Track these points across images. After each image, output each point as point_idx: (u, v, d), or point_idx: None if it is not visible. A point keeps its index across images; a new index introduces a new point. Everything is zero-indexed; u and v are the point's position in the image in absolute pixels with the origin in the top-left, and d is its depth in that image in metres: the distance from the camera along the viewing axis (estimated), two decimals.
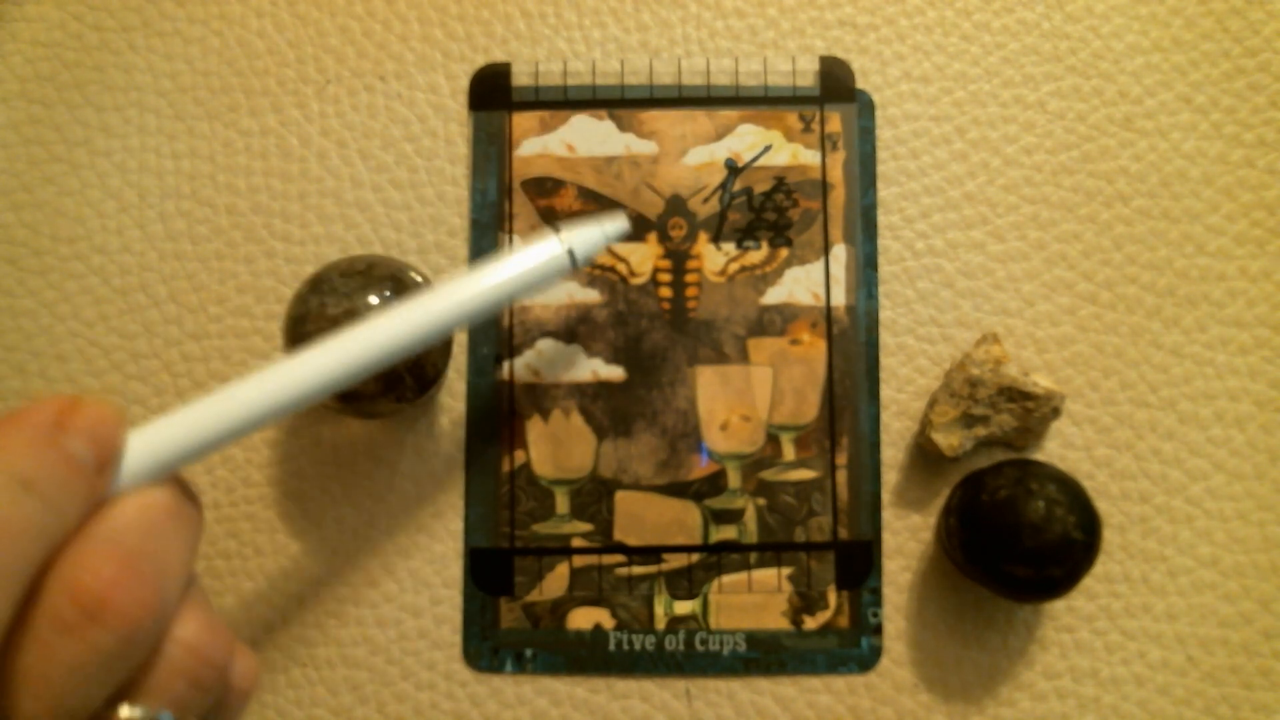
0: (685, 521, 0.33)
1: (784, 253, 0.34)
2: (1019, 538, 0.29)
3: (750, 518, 0.33)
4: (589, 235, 0.28)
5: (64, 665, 0.18)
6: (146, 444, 0.21)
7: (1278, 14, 0.35)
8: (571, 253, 0.27)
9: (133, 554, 0.19)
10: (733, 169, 0.34)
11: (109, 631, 0.18)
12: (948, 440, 0.32)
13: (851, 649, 0.33)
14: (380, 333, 0.24)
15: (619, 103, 0.35)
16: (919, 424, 0.33)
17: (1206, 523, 0.33)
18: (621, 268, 0.34)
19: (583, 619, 0.33)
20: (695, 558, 0.33)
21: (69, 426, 0.19)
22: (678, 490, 0.33)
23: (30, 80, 0.35)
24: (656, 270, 0.34)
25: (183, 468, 0.21)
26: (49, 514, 0.18)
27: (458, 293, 0.25)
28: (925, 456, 0.34)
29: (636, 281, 0.34)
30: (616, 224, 0.29)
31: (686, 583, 0.33)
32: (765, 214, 0.34)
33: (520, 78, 0.35)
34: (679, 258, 0.34)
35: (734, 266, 0.34)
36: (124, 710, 0.19)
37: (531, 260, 0.27)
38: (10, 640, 0.18)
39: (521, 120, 0.35)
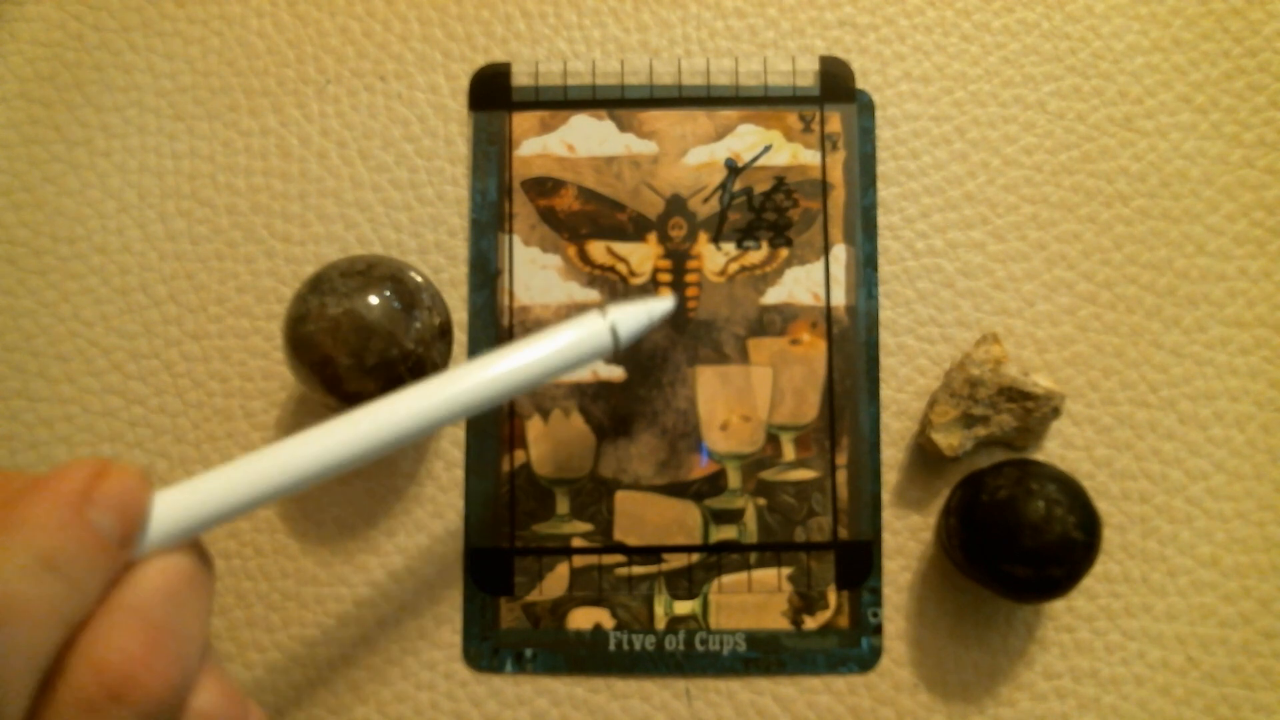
0: (685, 521, 0.33)
1: (784, 253, 0.34)
2: (1019, 538, 0.29)
3: (750, 518, 0.33)
4: (634, 314, 0.27)
5: None
6: (171, 507, 0.20)
7: (1278, 14, 0.35)
8: (615, 331, 0.26)
9: (157, 627, 0.19)
10: (733, 169, 0.34)
11: (134, 710, 0.18)
12: (948, 440, 0.32)
13: (851, 649, 0.33)
14: (417, 406, 0.23)
15: (619, 103, 0.35)
16: (919, 424, 0.33)
17: (1206, 523, 0.33)
18: (621, 268, 0.34)
19: (583, 619, 0.33)
20: (695, 558, 0.33)
21: (95, 499, 0.18)
22: (678, 490, 0.33)
23: (30, 80, 0.35)
24: (656, 270, 0.34)
25: (205, 531, 0.21)
26: (73, 593, 0.18)
27: (498, 368, 0.24)
28: (925, 456, 0.34)
29: (636, 281, 0.34)
30: (662, 303, 0.28)
31: (686, 583, 0.33)
32: (765, 214, 0.34)
33: (520, 78, 0.35)
34: (679, 258, 0.34)
35: (734, 266, 0.34)
36: None
37: (573, 338, 0.26)
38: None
39: (521, 120, 0.35)
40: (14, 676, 0.17)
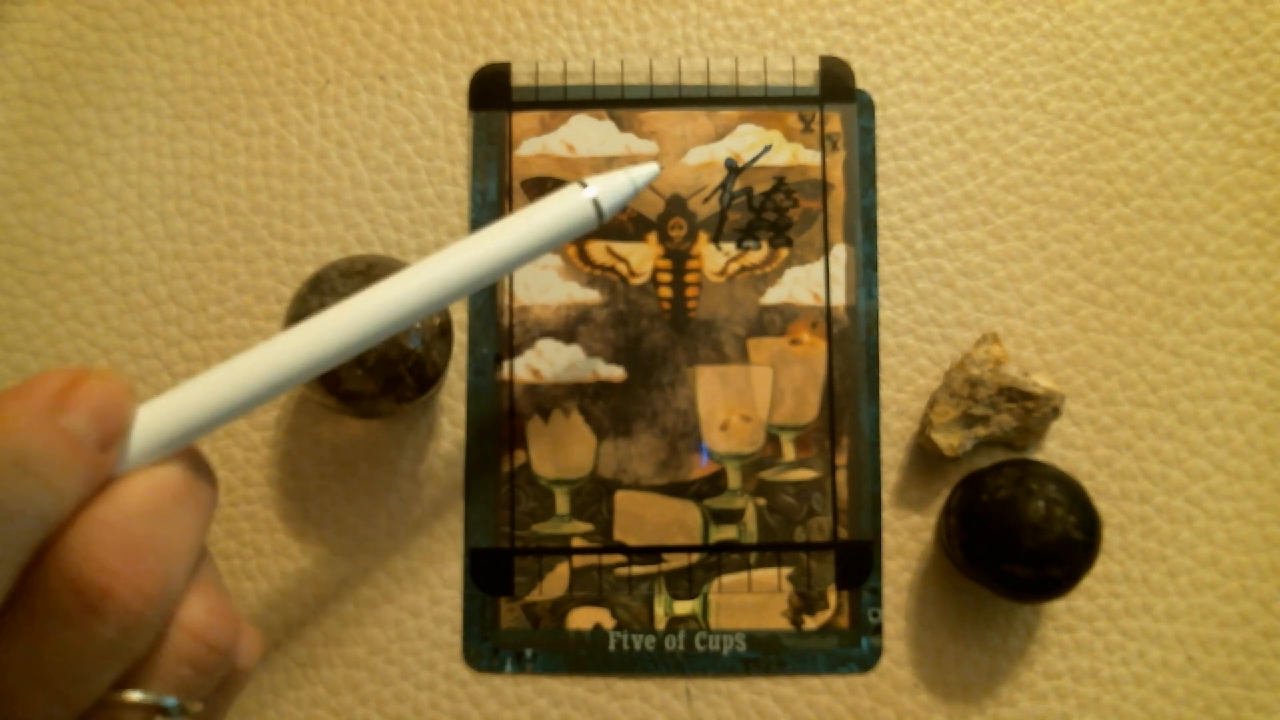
0: (685, 521, 0.33)
1: (784, 253, 0.34)
2: (1019, 538, 0.29)
3: (750, 518, 0.33)
4: (616, 183, 0.25)
5: (62, 655, 0.18)
6: (158, 417, 0.20)
7: (1278, 14, 0.35)
8: (597, 203, 0.25)
9: (138, 541, 0.18)
10: (733, 169, 0.34)
11: (110, 624, 0.18)
12: (948, 440, 0.32)
13: (851, 649, 0.33)
14: (397, 293, 0.22)
15: (619, 103, 0.35)
16: (919, 424, 0.33)
17: (1206, 523, 0.33)
18: (621, 268, 0.34)
19: (583, 619, 0.33)
20: (695, 558, 0.33)
21: (70, 403, 0.18)
22: (678, 490, 0.33)
23: (30, 80, 0.35)
24: (656, 270, 0.34)
25: (197, 440, 0.20)
26: (46, 495, 0.18)
27: (476, 249, 0.23)
28: (925, 456, 0.34)
29: (636, 281, 0.34)
30: (645, 169, 0.26)
31: (686, 583, 0.33)
32: (765, 214, 0.34)
33: (520, 78, 0.35)
34: (679, 258, 0.34)
35: (734, 266, 0.34)
36: (127, 697, 0.19)
37: (553, 213, 0.24)
38: (4, 623, 0.18)
39: (521, 120, 0.35)
40: None
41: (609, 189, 0.25)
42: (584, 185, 0.25)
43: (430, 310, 0.23)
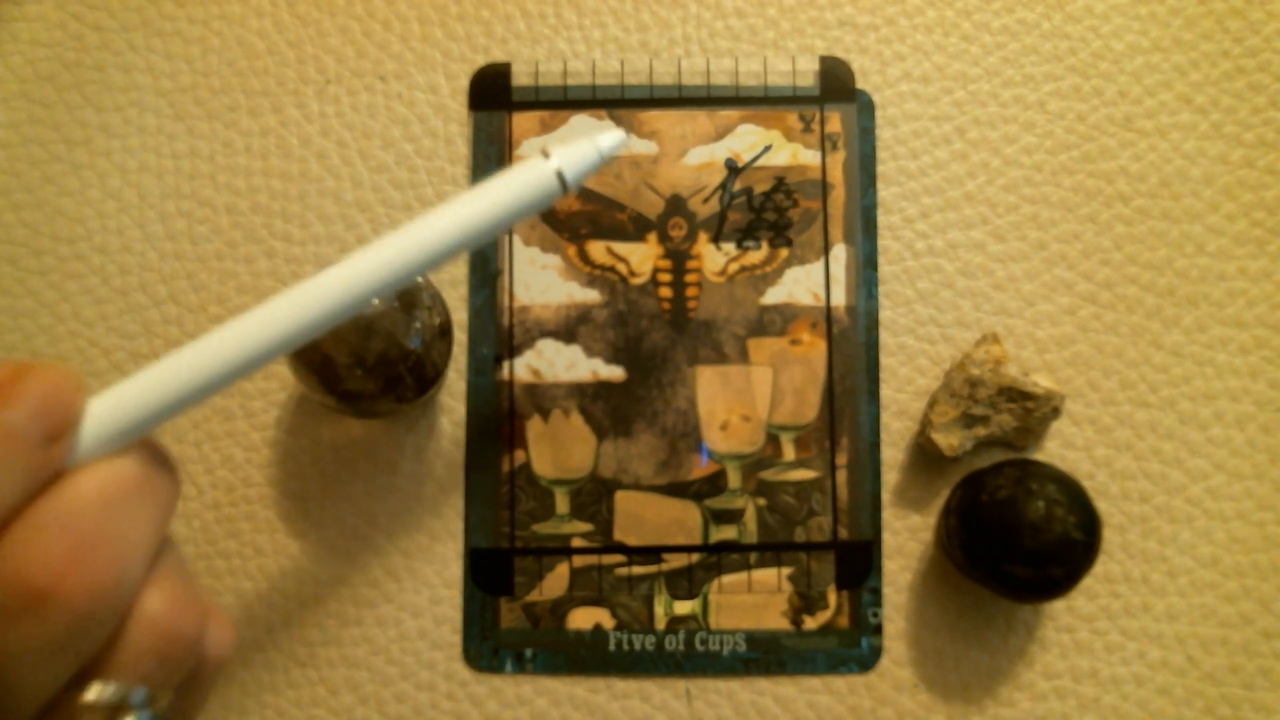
0: (685, 521, 0.33)
1: (784, 253, 0.34)
2: (1019, 538, 0.29)
3: (750, 518, 0.33)
4: (581, 152, 0.24)
5: (8, 654, 0.17)
6: (110, 409, 0.19)
7: (1278, 14, 0.35)
8: (561, 174, 0.23)
9: (86, 536, 0.18)
10: (733, 169, 0.34)
11: (54, 621, 0.17)
12: (948, 440, 0.32)
13: (851, 649, 0.33)
14: (350, 273, 0.21)
15: (619, 103, 0.35)
16: (919, 424, 0.33)
17: (1206, 523, 0.33)
18: (621, 268, 0.34)
19: (583, 619, 0.33)
20: (695, 558, 0.33)
21: (11, 397, 0.18)
22: (678, 490, 0.33)
23: (30, 80, 0.35)
24: (656, 270, 0.34)
25: (153, 430, 0.20)
26: None
27: (435, 224, 0.22)
28: (925, 456, 0.34)
29: (636, 281, 0.34)
30: (610, 136, 0.25)
31: (686, 583, 0.33)
32: (765, 214, 0.34)
33: (520, 78, 0.35)
34: (679, 258, 0.34)
35: (734, 266, 0.34)
36: (90, 693, 0.18)
37: (515, 184, 0.23)
38: None
39: (521, 120, 0.35)
40: None
41: (573, 159, 0.24)
42: (547, 156, 0.24)
43: (390, 288, 0.22)
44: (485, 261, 0.34)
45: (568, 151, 0.24)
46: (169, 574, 0.20)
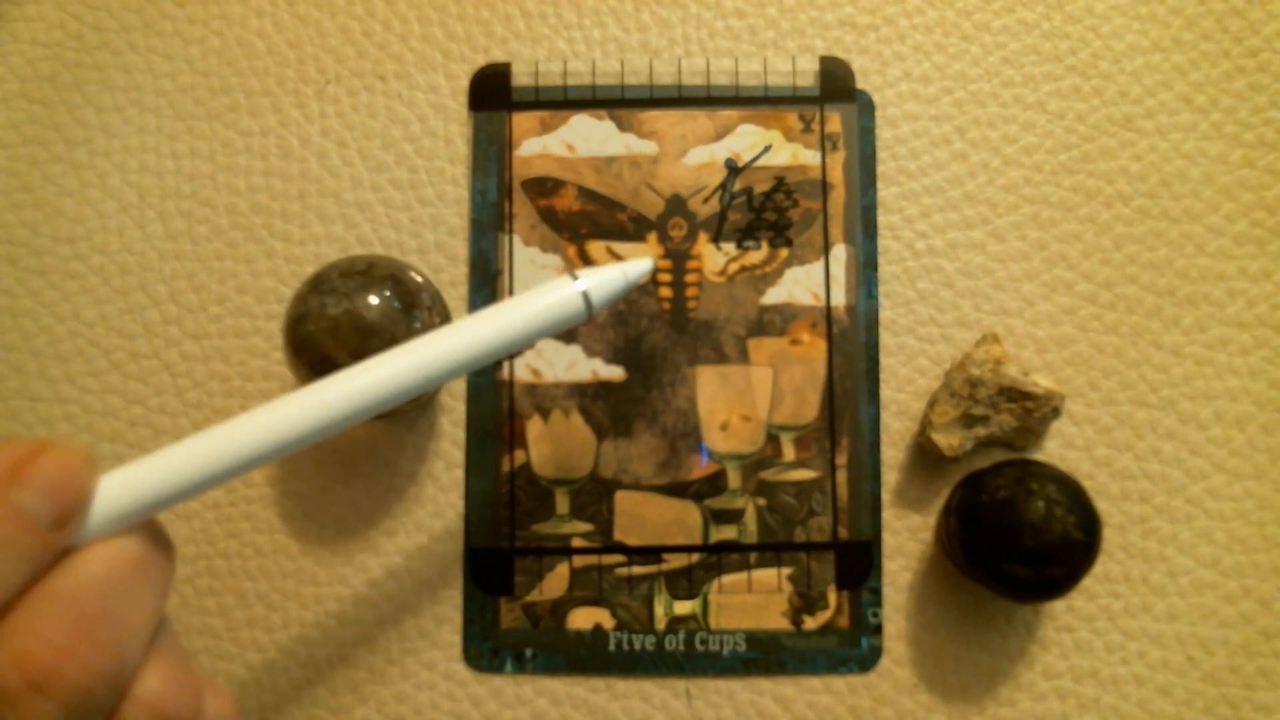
0: (685, 521, 0.33)
1: (784, 253, 0.34)
2: (1019, 538, 0.29)
3: (750, 518, 0.33)
4: (608, 277, 0.25)
5: None
6: (120, 489, 0.19)
7: (1278, 14, 0.35)
8: (587, 295, 0.24)
9: (89, 616, 0.18)
10: (733, 169, 0.34)
11: (57, 703, 0.17)
12: (948, 440, 0.32)
13: (851, 649, 0.33)
14: (373, 377, 0.22)
15: (619, 103, 0.35)
16: (919, 424, 0.33)
17: (1206, 523, 0.33)
18: None
19: (583, 619, 0.33)
20: (695, 558, 0.33)
21: (23, 480, 0.18)
22: (678, 490, 0.33)
23: (30, 80, 0.35)
24: (657, 270, 0.34)
25: (158, 513, 0.20)
26: None
27: (458, 337, 0.23)
28: (925, 456, 0.34)
29: None
30: (639, 265, 0.26)
31: (686, 583, 0.33)
32: (765, 214, 0.34)
33: (520, 78, 0.35)
34: (679, 258, 0.34)
35: (734, 266, 0.34)
36: None
37: (540, 304, 0.24)
38: None
39: (521, 120, 0.35)
40: None
41: (600, 282, 0.24)
42: (575, 277, 0.24)
43: (412, 394, 0.22)
44: (485, 262, 0.34)
45: (595, 274, 0.24)
46: (165, 654, 0.20)
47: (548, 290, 0.24)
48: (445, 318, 0.31)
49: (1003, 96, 0.35)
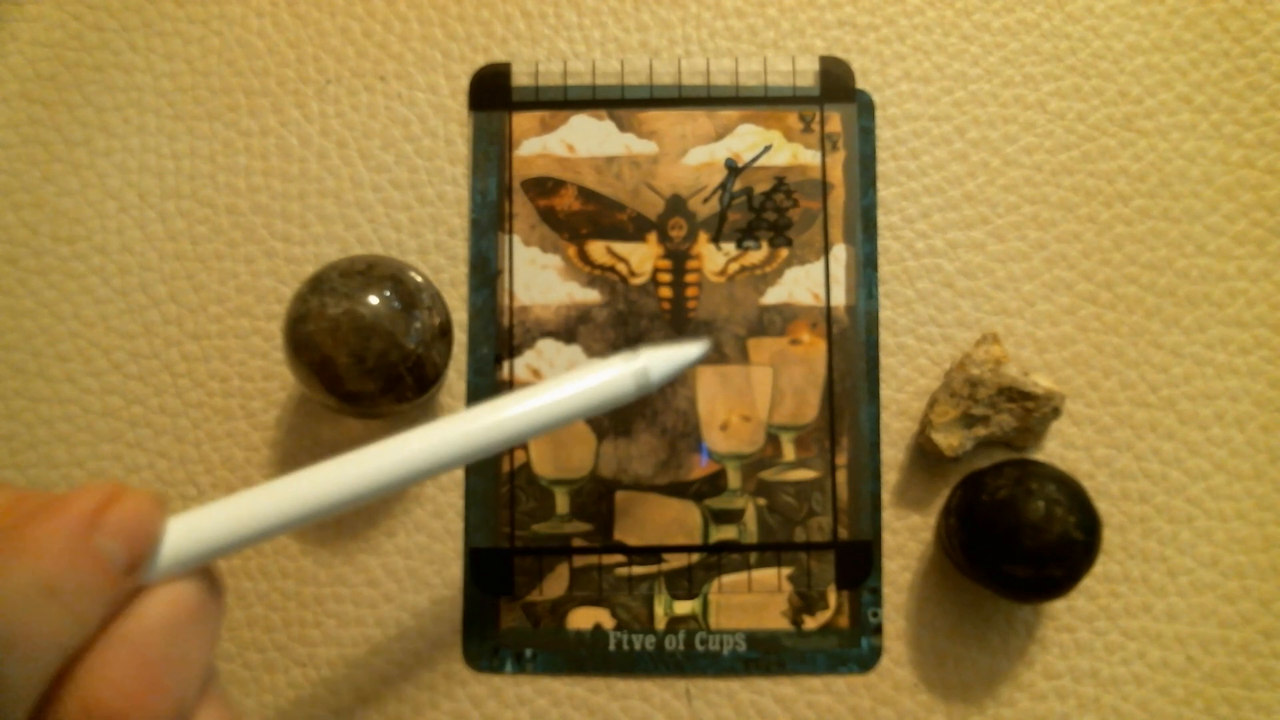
0: (685, 521, 0.33)
1: (784, 253, 0.34)
2: (1019, 538, 0.29)
3: (750, 518, 0.33)
4: (668, 357, 0.25)
5: None
6: (186, 534, 0.20)
7: (1278, 14, 0.35)
8: (646, 375, 0.25)
9: (154, 661, 0.18)
10: (733, 169, 0.34)
11: None
12: (948, 440, 0.32)
13: (851, 649, 0.33)
14: (444, 441, 0.23)
15: (619, 103, 0.35)
16: (919, 424, 0.33)
17: (1206, 523, 0.33)
18: (621, 268, 0.34)
19: (583, 619, 0.33)
20: (695, 558, 0.33)
21: (104, 525, 0.18)
22: (678, 490, 0.33)
23: (30, 80, 0.35)
24: (656, 270, 0.34)
25: (216, 560, 0.20)
26: (73, 622, 0.17)
27: (525, 406, 0.23)
28: (925, 456, 0.34)
29: (636, 281, 0.34)
30: (698, 346, 0.27)
31: (686, 583, 0.33)
32: (765, 214, 0.34)
33: (520, 78, 0.35)
34: (679, 258, 0.34)
35: (734, 266, 0.34)
36: None
37: (602, 381, 0.24)
38: None
39: (521, 120, 0.35)
40: (7, 705, 0.17)
41: (659, 363, 0.25)
42: (635, 357, 0.25)
43: (467, 461, 0.23)
44: (485, 262, 0.34)
45: (654, 356, 0.25)
46: (215, 698, 0.20)
47: (610, 369, 0.25)
48: (445, 317, 0.31)
49: (1003, 96, 0.35)
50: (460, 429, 0.23)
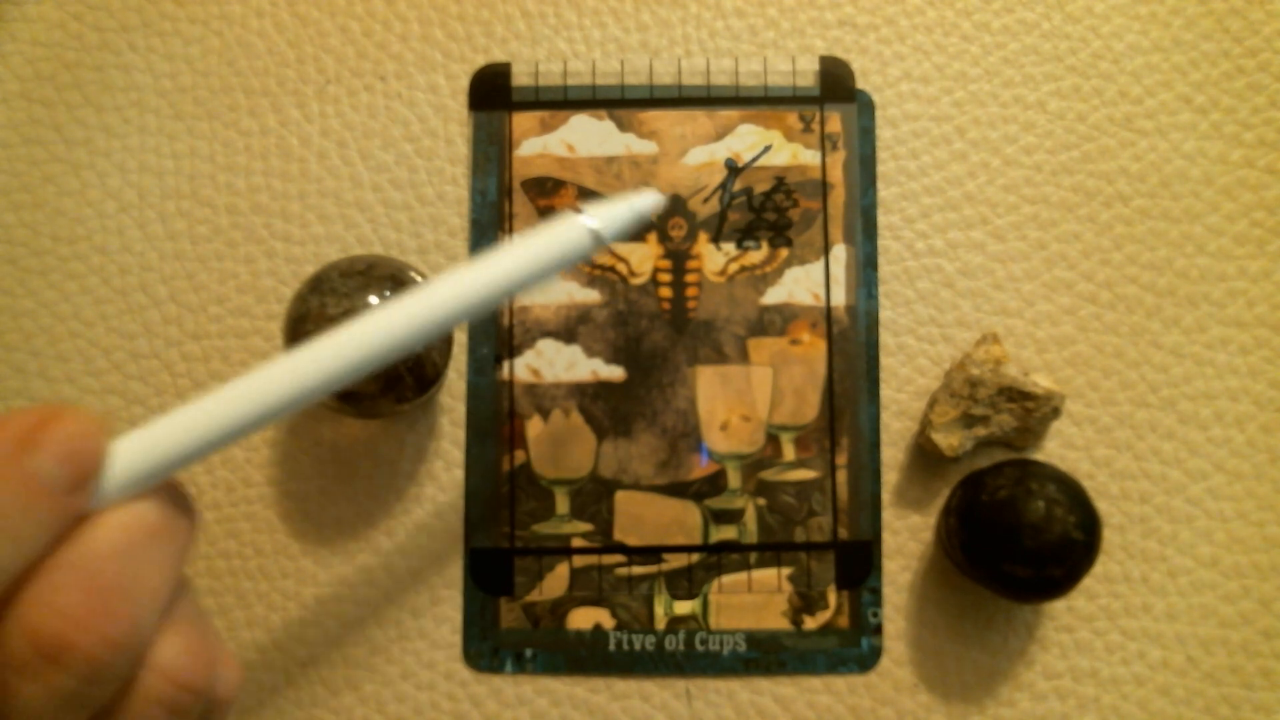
0: (685, 521, 0.33)
1: (784, 253, 0.34)
2: (1019, 538, 0.29)
3: (750, 518, 0.33)
4: (616, 212, 0.24)
5: (22, 706, 0.17)
6: (135, 451, 0.19)
7: (1278, 14, 0.35)
8: (596, 232, 0.24)
9: (105, 585, 0.17)
10: (733, 169, 0.34)
11: (71, 674, 0.17)
12: (948, 440, 0.32)
13: (851, 649, 0.33)
14: (384, 326, 0.22)
15: (619, 103, 0.35)
16: (919, 424, 0.33)
17: (1206, 523, 0.33)
18: (621, 268, 0.34)
19: (583, 619, 0.33)
20: (695, 558, 0.33)
21: (38, 444, 0.17)
22: (678, 490, 0.33)
23: (30, 80, 0.35)
24: (656, 270, 0.34)
25: (176, 473, 0.20)
26: (11, 547, 0.17)
27: (468, 279, 0.22)
28: (925, 456, 0.34)
29: (636, 281, 0.34)
30: (646, 199, 0.25)
31: (686, 583, 0.33)
32: (765, 214, 0.34)
33: (520, 78, 0.35)
34: (679, 258, 0.34)
35: (734, 266, 0.34)
36: None
37: (550, 242, 0.23)
38: None
39: (521, 120, 0.35)
40: None
41: (609, 219, 0.24)
42: (579, 211, 0.24)
43: (420, 339, 0.22)
44: None
45: (602, 212, 0.24)
46: (183, 619, 0.19)
47: (557, 230, 0.23)
48: None
49: (1003, 96, 0.35)
50: (426, 301, 0.22)
